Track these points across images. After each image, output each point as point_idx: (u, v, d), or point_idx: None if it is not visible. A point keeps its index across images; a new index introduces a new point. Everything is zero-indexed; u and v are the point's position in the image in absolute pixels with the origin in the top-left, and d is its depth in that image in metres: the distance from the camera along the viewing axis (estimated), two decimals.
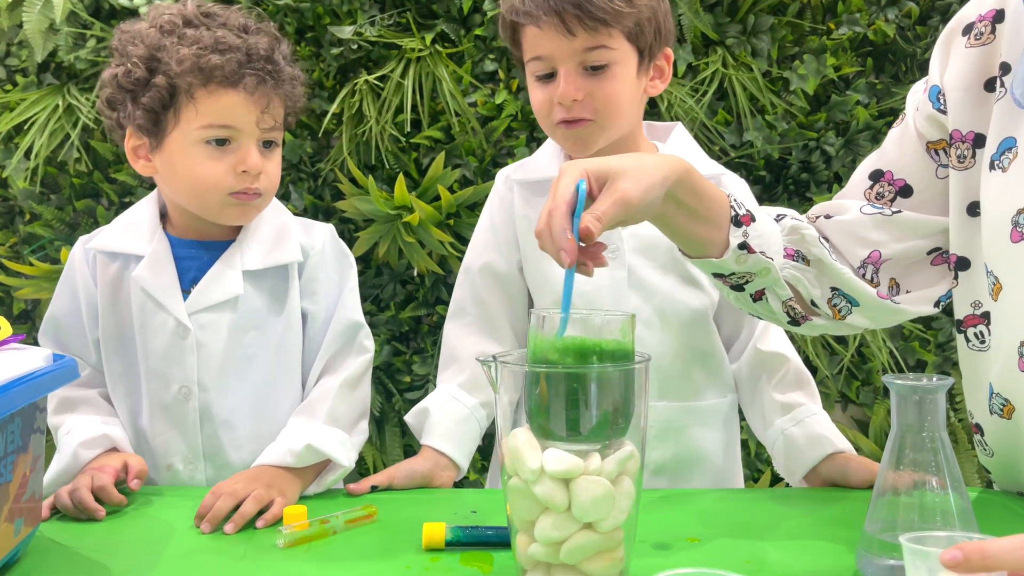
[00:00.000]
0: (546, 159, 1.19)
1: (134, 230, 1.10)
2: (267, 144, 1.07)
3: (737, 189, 1.17)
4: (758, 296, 0.93)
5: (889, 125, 1.79)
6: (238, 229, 1.10)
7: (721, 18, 1.79)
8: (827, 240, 0.95)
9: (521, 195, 1.18)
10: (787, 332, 1.15)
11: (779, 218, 0.95)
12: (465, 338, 1.17)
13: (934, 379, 0.71)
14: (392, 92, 1.76)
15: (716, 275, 0.91)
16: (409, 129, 1.78)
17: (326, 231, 1.14)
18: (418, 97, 1.76)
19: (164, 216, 1.12)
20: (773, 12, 1.80)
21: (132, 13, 1.74)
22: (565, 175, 0.75)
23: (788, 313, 0.95)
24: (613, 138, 1.09)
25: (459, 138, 1.79)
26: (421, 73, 1.76)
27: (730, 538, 0.85)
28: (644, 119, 1.17)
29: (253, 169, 1.04)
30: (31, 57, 1.79)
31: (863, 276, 0.94)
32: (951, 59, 0.92)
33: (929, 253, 0.94)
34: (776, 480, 1.80)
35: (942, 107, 0.92)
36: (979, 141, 0.89)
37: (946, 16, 1.78)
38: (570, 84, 1.04)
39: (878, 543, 0.72)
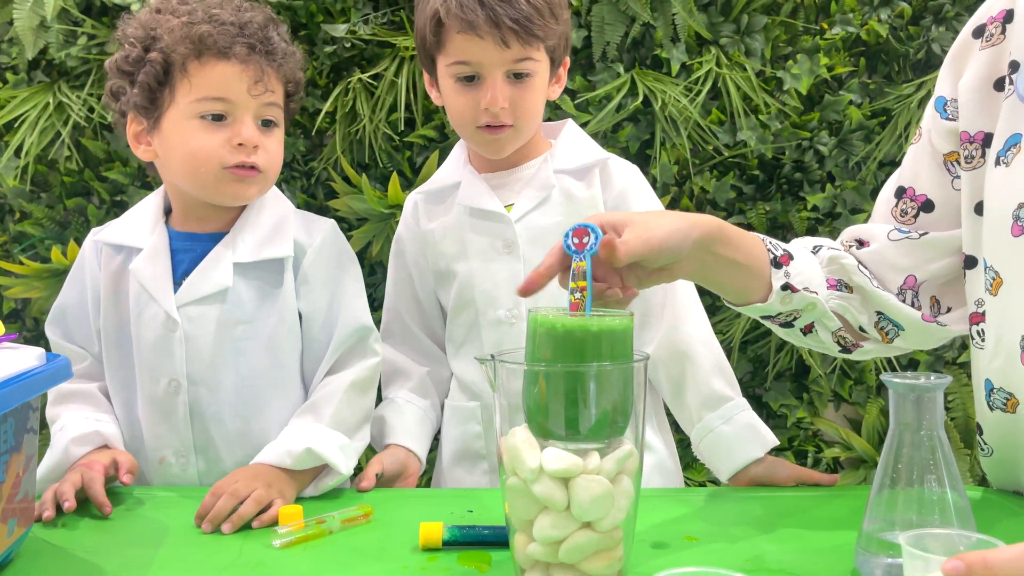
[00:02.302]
0: (449, 168, 1.25)
1: (138, 223, 1.11)
2: (266, 124, 1.06)
3: (627, 176, 1.19)
4: (807, 330, 0.95)
5: (882, 125, 1.81)
6: (233, 221, 1.09)
7: (715, 17, 1.79)
8: (865, 267, 0.96)
9: (425, 209, 1.24)
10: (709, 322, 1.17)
11: (815, 250, 0.97)
12: (400, 355, 1.24)
13: (932, 377, 0.71)
14: (386, 90, 1.75)
15: (764, 317, 0.93)
16: (403, 128, 1.78)
17: (326, 227, 1.13)
18: (412, 95, 1.75)
19: (170, 211, 1.13)
20: (766, 12, 1.80)
21: (123, 10, 1.72)
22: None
23: (839, 343, 0.97)
24: (524, 142, 1.16)
25: (452, 137, 1.79)
26: (415, 71, 1.75)
27: (728, 537, 0.85)
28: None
29: (248, 141, 1.02)
30: (21, 54, 1.78)
31: (904, 301, 0.95)
32: (968, 65, 0.92)
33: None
34: None
35: (949, 116, 0.93)
36: (987, 140, 0.90)
37: (939, 16, 1.79)
38: (499, 92, 1.09)
39: (876, 542, 0.72)
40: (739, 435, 1.08)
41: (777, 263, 0.90)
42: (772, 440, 1.09)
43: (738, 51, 1.78)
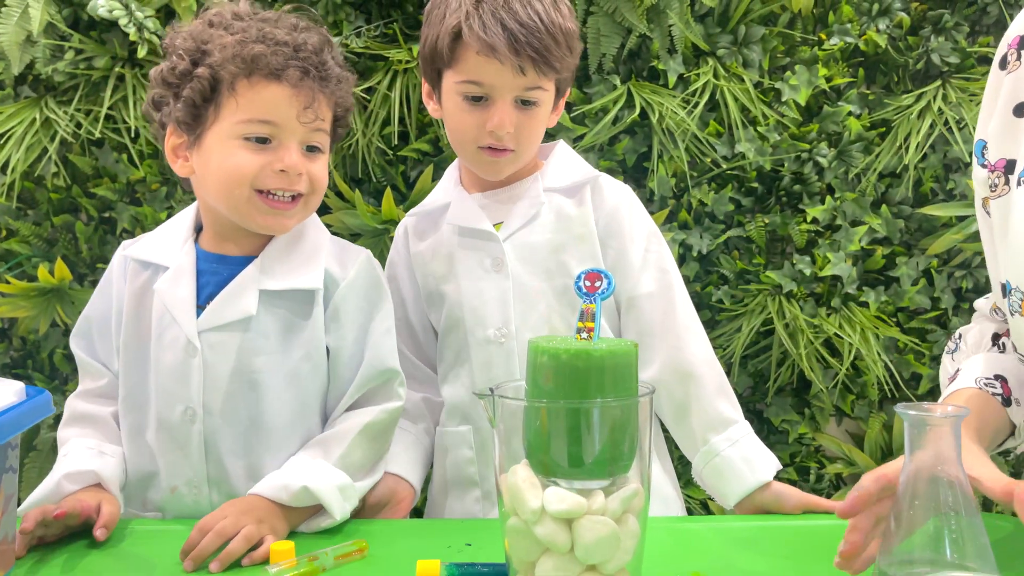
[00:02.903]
0: (442, 190, 1.24)
1: (168, 240, 1.07)
2: (311, 149, 1.02)
3: (619, 195, 1.17)
4: None
5: (882, 136, 1.78)
6: (264, 245, 1.05)
7: (712, 28, 1.77)
8: None
9: (416, 231, 1.24)
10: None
11: (1000, 345, 0.95)
12: None
13: (949, 409, 0.68)
14: (379, 104, 1.72)
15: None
16: (396, 142, 1.75)
17: (361, 258, 1.08)
18: (405, 109, 1.73)
19: (201, 229, 1.09)
20: (764, 22, 1.78)
21: (112, 25, 1.70)
22: None
23: None
24: (521, 166, 1.17)
25: (447, 151, 1.76)
26: (408, 85, 1.72)
27: (734, 571, 0.82)
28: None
29: (292, 169, 0.98)
30: (8, 70, 1.75)
31: None
32: (999, 100, 0.90)
33: None
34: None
35: (984, 161, 0.90)
36: (1010, 167, 0.87)
37: (938, 26, 1.77)
38: (507, 116, 1.09)
39: None
40: (746, 459, 1.06)
41: (1007, 401, 0.89)
42: (776, 464, 1.08)
43: (736, 62, 1.76)
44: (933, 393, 1.83)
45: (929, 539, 0.68)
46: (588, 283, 0.75)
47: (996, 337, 0.97)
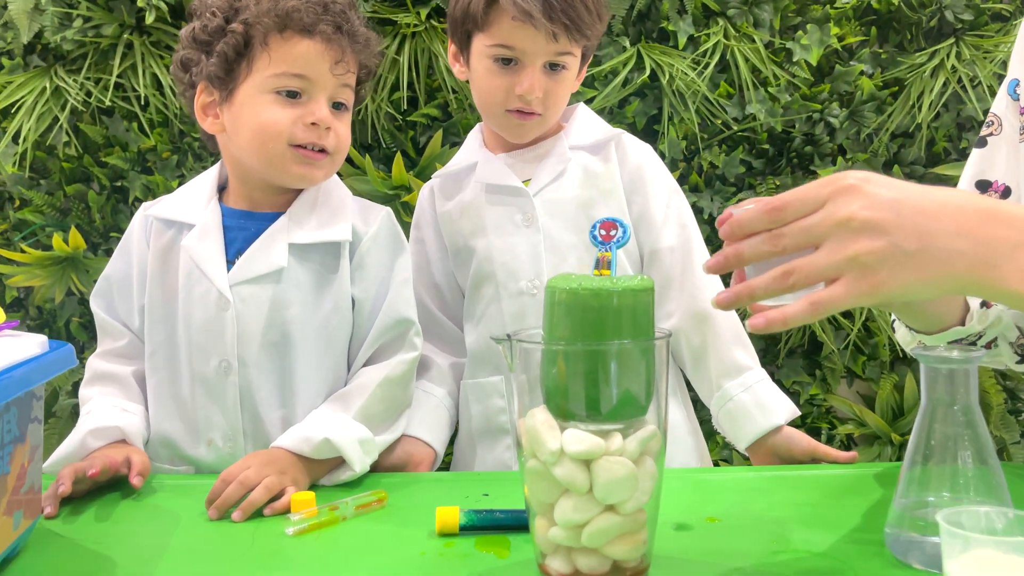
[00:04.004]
0: (465, 152, 1.26)
1: (191, 199, 1.09)
2: (337, 106, 1.05)
3: (642, 153, 1.20)
4: (989, 346, 0.91)
5: (894, 96, 1.77)
6: (290, 202, 1.07)
7: None
8: None
9: (441, 191, 1.25)
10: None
11: None
12: (426, 344, 1.20)
13: (966, 351, 0.69)
14: (387, 69, 1.72)
15: (952, 342, 0.88)
16: (406, 107, 1.75)
17: (383, 214, 1.11)
18: (414, 74, 1.72)
19: (224, 189, 1.11)
20: None
21: None
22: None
23: (1017, 352, 0.93)
24: (545, 129, 1.18)
25: (456, 115, 1.76)
26: (417, 49, 1.72)
27: (752, 518, 0.83)
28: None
29: (322, 122, 1.02)
30: (16, 39, 1.75)
31: None
32: None
33: None
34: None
35: (1018, 97, 0.90)
36: None
37: None
38: (536, 81, 1.11)
39: (909, 520, 0.70)
40: (758, 403, 1.08)
41: None
42: (793, 410, 1.10)
43: (746, 22, 1.74)
44: None
45: (945, 478, 0.69)
46: (603, 232, 0.76)
47: None
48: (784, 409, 1.09)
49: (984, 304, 0.86)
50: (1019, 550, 0.55)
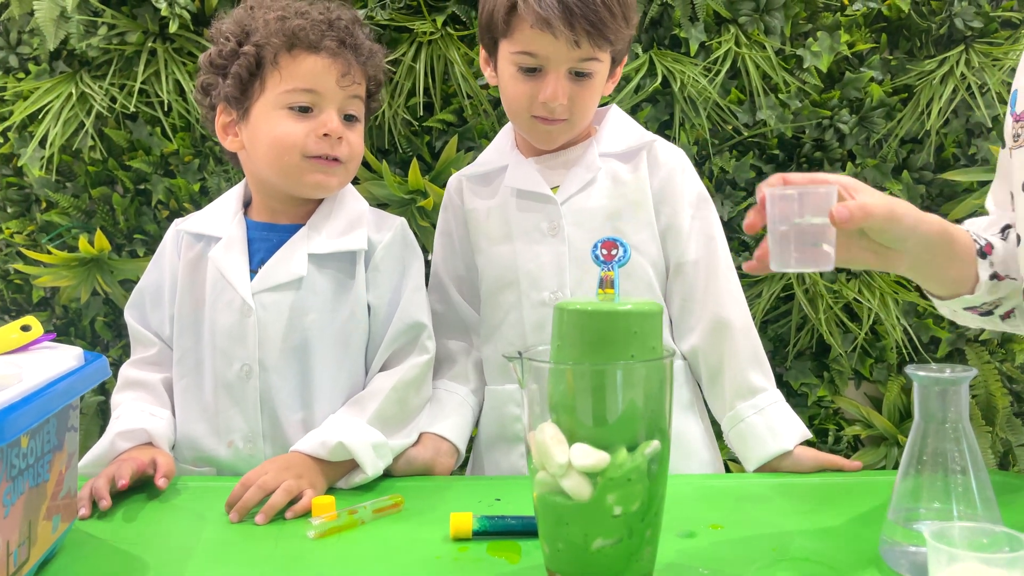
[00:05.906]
0: (496, 151, 1.25)
1: (219, 214, 1.16)
2: (348, 118, 1.11)
3: (674, 159, 1.19)
4: (1007, 316, 0.94)
5: (904, 102, 1.79)
6: (310, 214, 1.13)
7: None
8: None
9: (470, 189, 1.25)
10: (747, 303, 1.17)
11: (1004, 234, 0.96)
12: (442, 337, 1.21)
13: (957, 370, 0.72)
14: (404, 75, 1.75)
15: (966, 308, 0.93)
16: (422, 113, 1.78)
17: (397, 224, 1.16)
18: (430, 80, 1.76)
19: (249, 204, 1.18)
20: None
21: (143, 0, 1.73)
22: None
23: None
24: (575, 135, 1.18)
25: (472, 121, 1.79)
26: (433, 56, 1.75)
27: (753, 525, 0.86)
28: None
29: (333, 132, 1.07)
30: (43, 45, 1.79)
31: None
32: None
33: None
34: None
35: (1015, 111, 0.92)
36: None
37: None
38: (560, 88, 1.10)
39: (901, 531, 0.73)
40: (769, 426, 1.08)
41: (983, 253, 0.90)
42: (804, 433, 1.09)
43: (757, 29, 1.76)
44: (951, 356, 1.86)
45: (936, 491, 0.72)
46: (604, 251, 0.78)
47: (1007, 230, 0.97)
48: (795, 433, 1.08)
49: (994, 276, 0.89)
50: (1001, 564, 0.59)
